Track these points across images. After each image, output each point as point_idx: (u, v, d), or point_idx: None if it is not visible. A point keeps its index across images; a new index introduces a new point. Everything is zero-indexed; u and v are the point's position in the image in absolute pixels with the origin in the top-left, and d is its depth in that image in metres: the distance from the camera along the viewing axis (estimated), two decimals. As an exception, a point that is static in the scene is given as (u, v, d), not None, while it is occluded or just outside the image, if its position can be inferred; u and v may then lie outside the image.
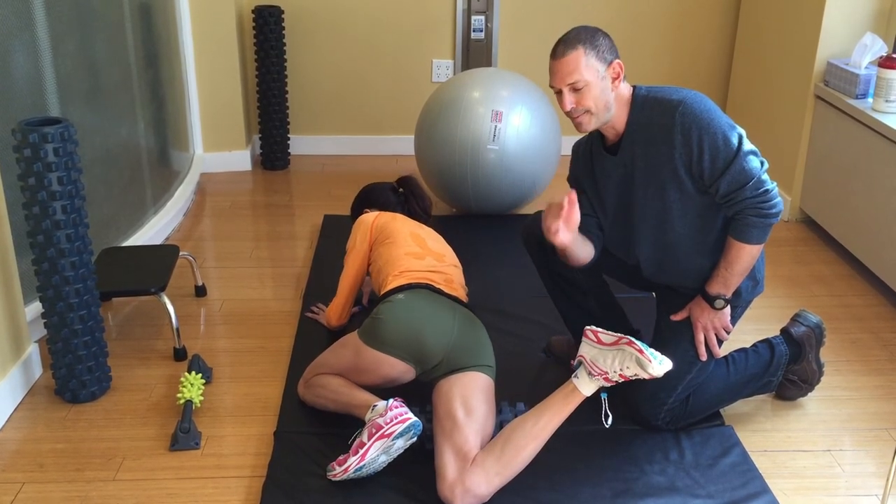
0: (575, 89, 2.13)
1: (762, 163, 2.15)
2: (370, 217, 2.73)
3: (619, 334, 2.02)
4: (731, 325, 2.31)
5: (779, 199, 2.15)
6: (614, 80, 2.16)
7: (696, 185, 2.17)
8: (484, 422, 2.14)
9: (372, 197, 2.97)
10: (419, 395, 2.39)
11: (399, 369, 2.26)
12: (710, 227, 2.24)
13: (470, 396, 2.17)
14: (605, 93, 2.14)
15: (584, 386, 2.05)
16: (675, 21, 4.47)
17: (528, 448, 2.05)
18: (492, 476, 2.02)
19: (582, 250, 2.27)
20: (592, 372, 2.03)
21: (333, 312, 2.75)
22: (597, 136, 2.32)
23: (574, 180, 2.42)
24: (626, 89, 2.20)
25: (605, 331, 2.05)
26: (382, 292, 2.44)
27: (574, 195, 2.08)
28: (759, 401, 2.53)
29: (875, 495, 2.17)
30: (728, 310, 2.29)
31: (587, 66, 2.11)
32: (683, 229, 2.24)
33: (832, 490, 2.19)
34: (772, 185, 2.14)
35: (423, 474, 2.15)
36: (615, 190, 2.28)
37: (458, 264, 2.63)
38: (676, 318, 2.33)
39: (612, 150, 2.27)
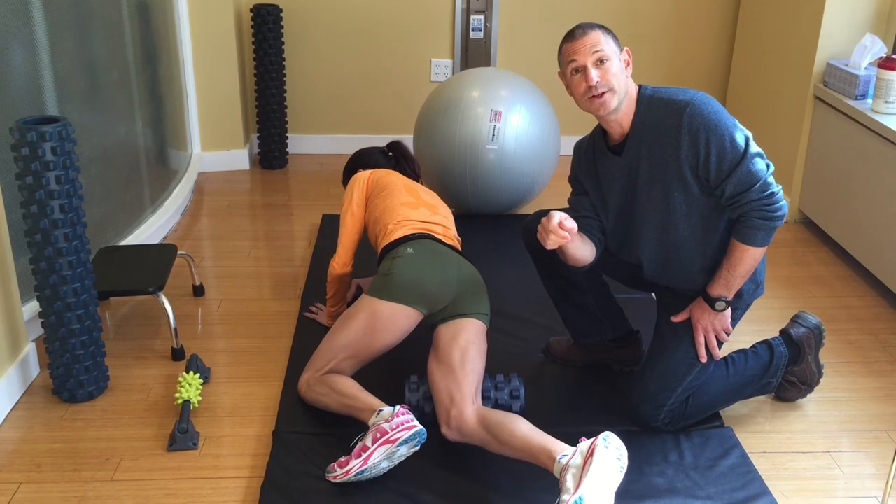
0: (600, 61, 2.13)
1: (768, 165, 2.14)
2: (365, 174, 2.84)
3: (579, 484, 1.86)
4: (731, 328, 2.31)
5: (784, 202, 2.14)
6: (626, 66, 2.19)
7: (701, 187, 2.17)
8: (476, 365, 2.31)
9: (363, 160, 3.06)
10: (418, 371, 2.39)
11: (413, 318, 2.38)
12: (714, 229, 2.23)
13: (466, 342, 2.33)
14: (623, 73, 2.16)
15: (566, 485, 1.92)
16: (674, 22, 4.47)
17: (506, 447, 2.09)
18: (479, 428, 2.14)
19: (581, 250, 2.26)
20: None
21: (336, 262, 2.73)
22: (599, 136, 2.31)
23: (574, 180, 2.41)
24: (631, 86, 2.20)
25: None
26: (383, 242, 2.52)
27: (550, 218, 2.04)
28: (758, 402, 2.52)
29: (874, 497, 2.17)
30: (729, 312, 2.28)
31: (607, 43, 2.15)
32: (687, 231, 2.23)
33: (831, 492, 2.19)
34: (777, 188, 2.14)
35: (423, 476, 2.15)
36: (619, 190, 2.27)
37: (450, 216, 2.76)
38: (677, 319, 2.32)
39: (617, 149, 2.26)
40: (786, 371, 2.46)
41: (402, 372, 2.47)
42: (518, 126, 3.47)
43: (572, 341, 2.65)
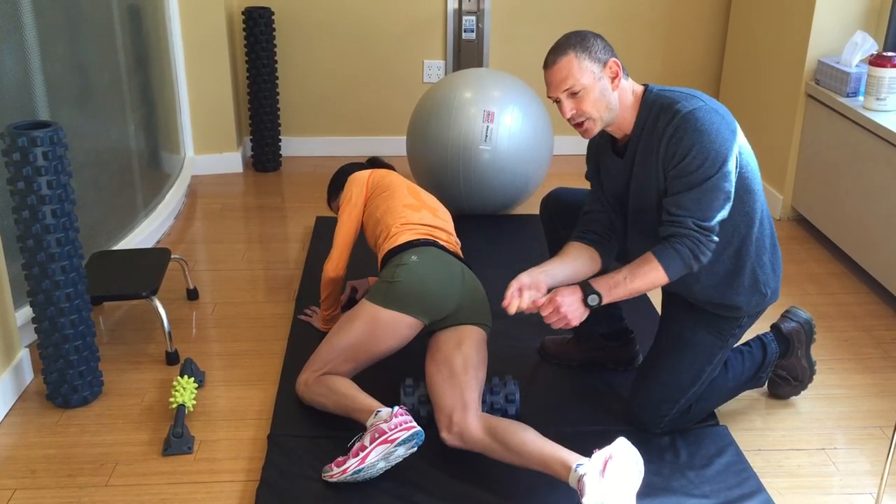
0: (572, 94, 2.06)
1: (725, 209, 2.02)
2: (364, 174, 2.80)
3: None
4: (574, 323, 2.09)
5: (709, 254, 2.04)
6: (613, 79, 2.08)
7: None
8: (479, 372, 2.29)
9: (350, 172, 2.99)
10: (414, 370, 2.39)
11: (414, 328, 2.36)
12: None
13: (469, 350, 2.31)
14: (605, 93, 2.07)
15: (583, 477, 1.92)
16: (665, 20, 4.47)
17: (514, 455, 2.07)
18: (484, 436, 2.11)
19: (574, 276, 2.19)
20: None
21: (330, 265, 2.70)
22: (607, 134, 2.23)
23: (588, 176, 2.36)
24: (634, 88, 2.12)
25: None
26: (386, 245, 2.50)
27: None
28: (753, 400, 2.53)
29: (869, 493, 2.17)
30: (584, 312, 2.08)
31: (581, 69, 2.04)
32: None
33: (826, 488, 2.19)
34: (715, 240, 2.03)
35: (419, 479, 2.14)
36: (618, 192, 2.22)
37: (450, 219, 2.74)
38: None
39: (619, 151, 2.20)
40: (775, 364, 2.45)
41: (396, 374, 2.47)
42: (511, 126, 3.48)
43: (567, 339, 2.65)
